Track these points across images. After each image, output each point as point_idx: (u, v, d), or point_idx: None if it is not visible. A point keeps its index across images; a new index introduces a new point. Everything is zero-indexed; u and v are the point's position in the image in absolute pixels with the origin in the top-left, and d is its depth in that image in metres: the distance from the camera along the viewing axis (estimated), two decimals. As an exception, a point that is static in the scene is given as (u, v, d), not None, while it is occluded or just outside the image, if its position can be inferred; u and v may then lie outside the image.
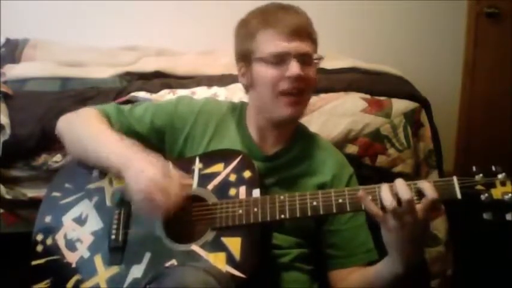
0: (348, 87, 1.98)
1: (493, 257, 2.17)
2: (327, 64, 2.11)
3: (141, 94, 1.94)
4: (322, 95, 1.92)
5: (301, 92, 1.38)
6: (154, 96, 1.93)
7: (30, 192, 1.86)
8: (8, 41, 2.35)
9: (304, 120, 1.60)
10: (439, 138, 2.02)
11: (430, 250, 1.95)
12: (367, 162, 1.88)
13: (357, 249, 1.42)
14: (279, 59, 1.35)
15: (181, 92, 1.96)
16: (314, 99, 1.89)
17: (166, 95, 1.94)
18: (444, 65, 2.65)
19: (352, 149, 1.87)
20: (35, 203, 1.81)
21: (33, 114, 1.88)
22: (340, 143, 1.85)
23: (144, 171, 1.26)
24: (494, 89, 2.65)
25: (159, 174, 1.25)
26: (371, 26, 2.58)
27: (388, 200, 1.16)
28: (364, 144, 1.88)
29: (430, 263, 1.95)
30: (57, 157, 1.82)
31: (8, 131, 1.84)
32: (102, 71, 2.16)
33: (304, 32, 1.37)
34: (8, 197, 1.83)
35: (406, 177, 1.28)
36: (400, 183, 1.18)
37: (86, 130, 1.44)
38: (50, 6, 2.43)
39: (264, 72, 1.37)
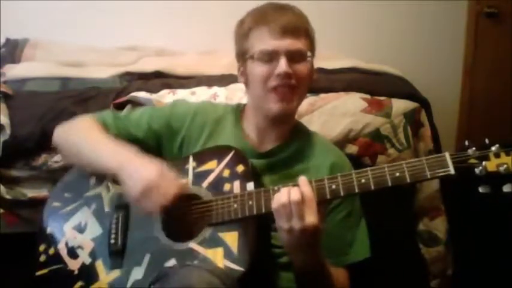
0: (348, 87, 1.98)
1: (492, 256, 2.17)
2: (327, 64, 2.12)
3: (141, 94, 1.94)
4: (322, 95, 1.92)
5: (291, 88, 1.38)
6: (154, 96, 1.93)
7: (30, 192, 1.86)
8: (8, 41, 2.35)
9: (304, 120, 1.60)
10: (439, 138, 2.02)
11: (430, 250, 1.96)
12: (367, 162, 1.88)
13: (335, 251, 1.41)
14: (269, 57, 1.37)
15: (181, 92, 1.96)
16: (314, 99, 1.90)
17: (166, 95, 1.94)
18: (444, 65, 2.64)
19: (352, 149, 1.87)
20: (35, 203, 1.82)
21: (33, 114, 1.88)
22: (340, 143, 1.85)
23: (139, 171, 1.30)
24: (494, 89, 2.65)
25: (153, 172, 1.29)
26: (371, 26, 2.58)
27: (277, 201, 1.22)
28: (364, 144, 1.88)
29: (430, 263, 1.95)
30: (57, 157, 1.81)
31: (8, 131, 1.84)
32: (102, 71, 2.16)
33: (296, 29, 1.38)
34: (8, 197, 1.83)
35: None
36: (300, 181, 1.24)
37: (82, 139, 1.46)
38: (50, 6, 2.42)
39: (255, 69, 1.39)
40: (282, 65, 1.35)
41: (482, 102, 2.68)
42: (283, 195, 1.22)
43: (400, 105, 1.94)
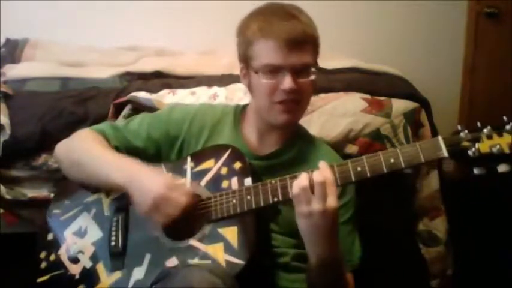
0: (348, 87, 1.98)
1: (492, 256, 2.17)
2: (327, 64, 2.12)
3: (141, 94, 1.94)
4: (322, 95, 1.92)
5: (296, 101, 1.39)
6: (154, 96, 1.93)
7: (30, 192, 1.86)
8: (8, 41, 2.35)
9: (304, 120, 1.60)
10: (439, 138, 2.02)
11: (430, 250, 1.95)
12: (367, 162, 1.88)
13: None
14: (274, 71, 1.35)
15: (181, 92, 1.96)
16: (314, 99, 1.89)
17: (166, 95, 1.94)
18: (444, 65, 2.64)
19: (352, 149, 1.87)
20: (35, 203, 1.82)
21: (33, 114, 1.89)
22: (340, 143, 1.85)
23: (147, 185, 1.30)
24: (494, 89, 2.65)
25: (161, 185, 1.29)
26: (371, 26, 2.58)
27: (297, 185, 1.21)
28: (364, 144, 1.88)
29: (430, 263, 1.95)
30: (57, 157, 1.82)
31: (8, 131, 1.84)
32: (102, 71, 2.16)
33: (303, 42, 1.36)
34: (8, 197, 1.83)
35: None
36: (321, 165, 1.23)
37: (84, 154, 1.45)
38: (50, 6, 2.42)
39: (260, 82, 1.38)
40: (288, 81, 1.34)
41: (482, 102, 2.68)
42: (304, 179, 1.21)
43: (400, 105, 1.94)
